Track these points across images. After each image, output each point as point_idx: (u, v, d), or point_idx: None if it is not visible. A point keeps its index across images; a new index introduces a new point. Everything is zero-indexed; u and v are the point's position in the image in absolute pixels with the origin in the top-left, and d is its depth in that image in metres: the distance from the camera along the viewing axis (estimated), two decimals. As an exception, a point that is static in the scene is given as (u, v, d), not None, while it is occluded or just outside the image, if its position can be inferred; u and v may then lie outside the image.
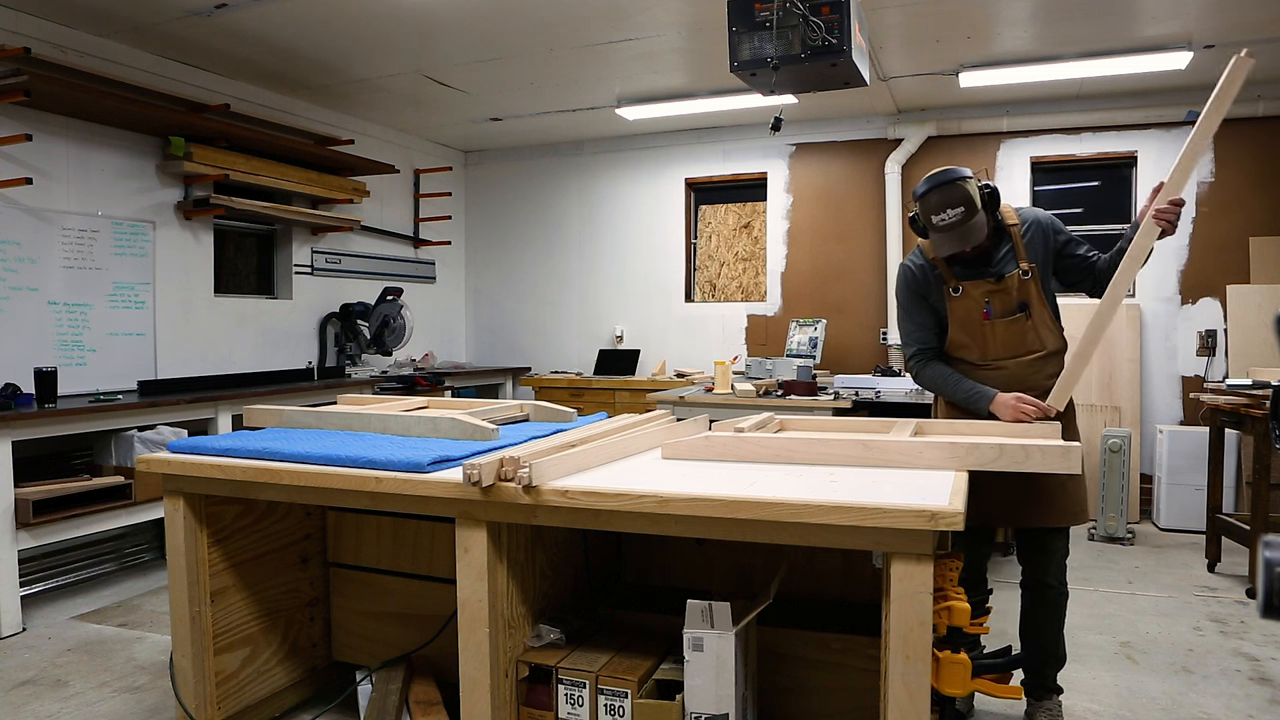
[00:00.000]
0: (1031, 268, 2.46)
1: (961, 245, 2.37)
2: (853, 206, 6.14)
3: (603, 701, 2.08)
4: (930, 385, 2.62)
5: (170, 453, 2.38)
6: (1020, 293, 2.46)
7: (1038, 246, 2.48)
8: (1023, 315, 2.47)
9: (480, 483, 1.91)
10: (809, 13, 2.80)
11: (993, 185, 2.44)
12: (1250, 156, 5.27)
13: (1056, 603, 2.52)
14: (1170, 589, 3.97)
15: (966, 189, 2.34)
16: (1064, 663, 2.58)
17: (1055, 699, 2.55)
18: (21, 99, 3.75)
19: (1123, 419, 5.36)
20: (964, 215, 2.31)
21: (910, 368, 2.64)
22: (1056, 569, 2.51)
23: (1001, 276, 2.46)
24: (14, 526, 3.43)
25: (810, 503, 1.70)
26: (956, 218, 2.31)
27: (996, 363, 2.51)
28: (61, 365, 4.02)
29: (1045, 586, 2.52)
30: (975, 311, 2.49)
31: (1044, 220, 2.51)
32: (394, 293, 5.86)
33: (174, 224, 4.78)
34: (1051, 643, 2.54)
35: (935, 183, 2.36)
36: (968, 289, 2.48)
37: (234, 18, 4.08)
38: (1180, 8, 4.06)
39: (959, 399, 2.52)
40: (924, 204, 2.37)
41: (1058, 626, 2.54)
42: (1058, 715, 2.53)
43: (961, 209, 2.31)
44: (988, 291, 2.47)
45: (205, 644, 2.40)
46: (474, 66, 4.93)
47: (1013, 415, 2.39)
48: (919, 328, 2.59)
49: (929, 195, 2.36)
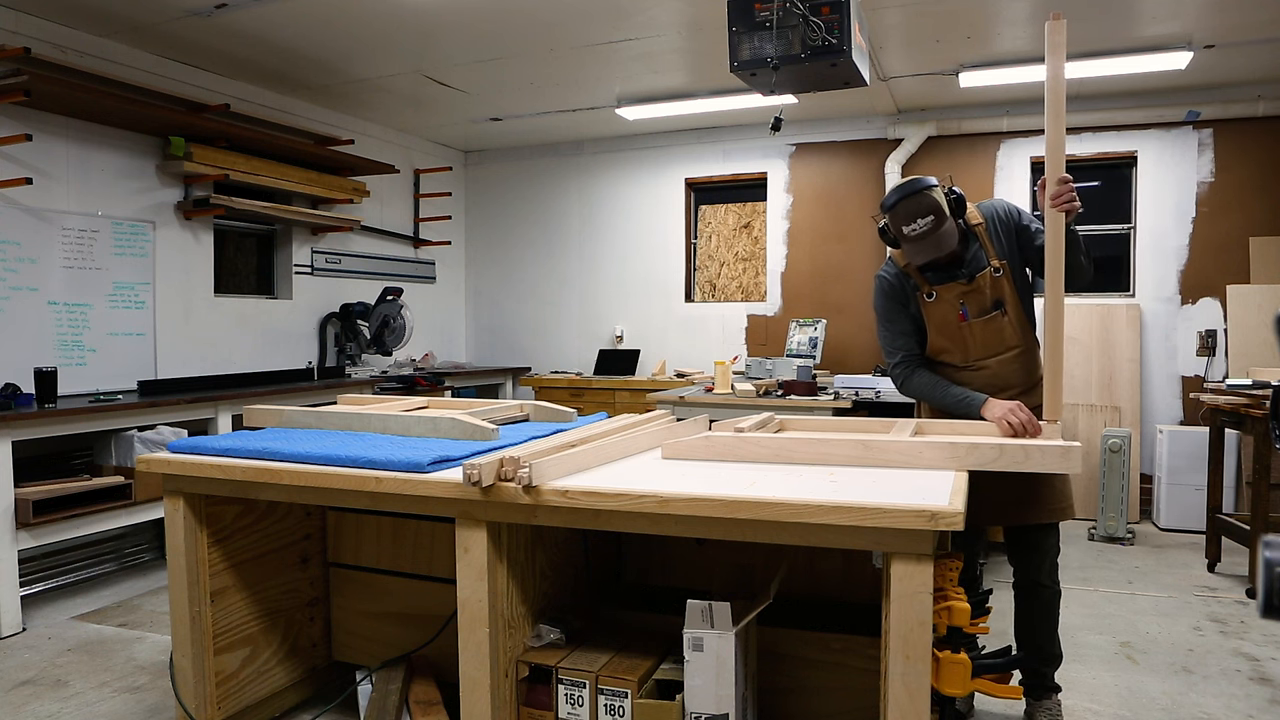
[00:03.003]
0: (1002, 264, 2.46)
1: (935, 253, 2.36)
2: (853, 206, 6.14)
3: (603, 701, 2.08)
4: (917, 393, 2.60)
5: (170, 453, 2.38)
6: (993, 290, 2.47)
7: (1003, 241, 2.48)
8: (998, 313, 2.47)
9: (480, 483, 1.91)
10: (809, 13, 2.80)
11: (958, 191, 2.43)
12: (1250, 156, 5.27)
13: (1050, 602, 2.53)
14: (1170, 589, 3.97)
15: (934, 197, 2.33)
16: (1060, 660, 2.58)
17: (1054, 698, 2.55)
18: (21, 99, 3.75)
19: (1123, 419, 5.36)
20: (934, 224, 2.31)
21: (895, 376, 2.62)
22: (1050, 567, 2.52)
23: (972, 277, 2.46)
24: (14, 526, 3.43)
25: (810, 503, 1.70)
26: (927, 227, 2.31)
27: (978, 363, 2.52)
28: (61, 365, 4.02)
29: (1039, 586, 2.52)
30: (951, 314, 2.49)
31: (1001, 211, 2.51)
32: (394, 293, 5.86)
33: (174, 224, 4.78)
34: (1048, 642, 2.54)
35: (903, 194, 2.34)
36: (941, 293, 2.49)
37: (234, 18, 4.08)
38: (1180, 8, 4.06)
39: (948, 405, 2.49)
40: (893, 216, 2.36)
41: (1053, 625, 2.54)
42: (1057, 714, 2.53)
43: (931, 218, 2.31)
44: (961, 293, 2.47)
45: (205, 644, 2.40)
46: (474, 66, 4.93)
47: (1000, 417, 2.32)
48: (900, 335, 2.57)
49: (897, 207, 2.35)
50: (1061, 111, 2.32)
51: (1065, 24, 2.32)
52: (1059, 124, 2.32)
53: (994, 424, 2.35)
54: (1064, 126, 2.35)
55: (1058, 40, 2.29)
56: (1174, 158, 5.42)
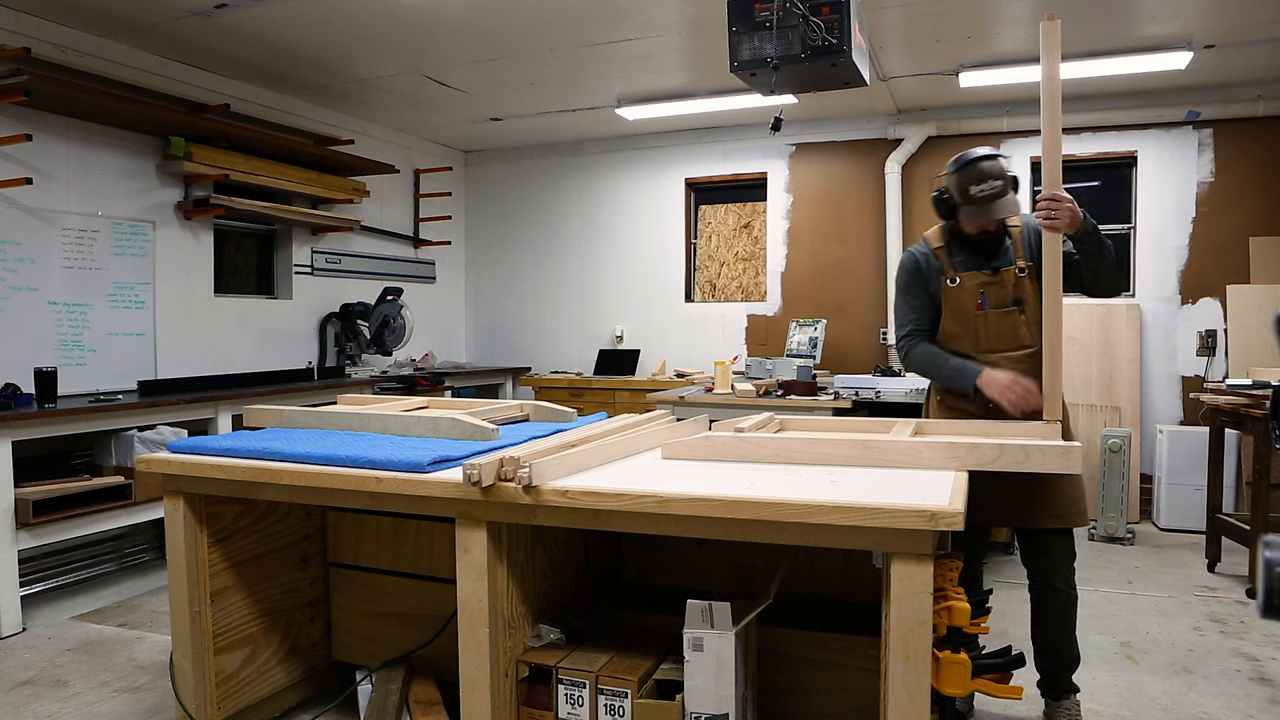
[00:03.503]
0: (1028, 266, 2.53)
1: (995, 216, 2.45)
2: (853, 206, 6.15)
3: (603, 701, 2.08)
4: (919, 364, 2.65)
5: (170, 453, 2.38)
6: (1016, 289, 2.53)
7: (1033, 245, 2.54)
8: (1016, 309, 2.54)
9: (480, 483, 1.91)
10: (809, 13, 2.79)
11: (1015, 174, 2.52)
12: (1250, 156, 5.27)
13: (1065, 605, 2.51)
14: (1170, 589, 3.97)
15: (1005, 164, 2.47)
16: (1078, 663, 2.56)
17: (1073, 698, 2.54)
18: (21, 99, 3.75)
19: (1123, 419, 5.36)
20: (1002, 188, 2.43)
21: (901, 347, 2.68)
22: (1065, 571, 2.50)
23: (998, 270, 2.54)
24: (14, 526, 3.43)
25: (810, 503, 1.70)
26: (996, 189, 2.41)
27: (986, 355, 2.56)
28: (61, 365, 4.02)
29: (1054, 590, 2.50)
30: (970, 302, 2.55)
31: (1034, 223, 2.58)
32: (394, 293, 5.86)
33: (174, 224, 4.78)
34: (1065, 645, 2.52)
35: (981, 155, 2.46)
36: (964, 280, 2.56)
37: (234, 18, 4.08)
38: (1180, 8, 4.06)
39: (945, 375, 2.57)
40: (965, 174, 2.45)
41: (1070, 628, 2.52)
42: (1076, 715, 2.52)
43: (1001, 181, 2.43)
44: (983, 283, 2.54)
45: (205, 644, 2.40)
46: (474, 66, 4.93)
47: (999, 392, 2.42)
48: (915, 310, 2.65)
49: (972, 166, 2.44)
50: (1057, 113, 2.32)
51: (1060, 25, 2.33)
52: (1055, 125, 2.33)
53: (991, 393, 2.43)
54: (1060, 128, 2.36)
55: (1052, 41, 2.30)
56: (1174, 158, 5.42)
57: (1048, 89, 2.33)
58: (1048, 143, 2.36)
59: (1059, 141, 2.37)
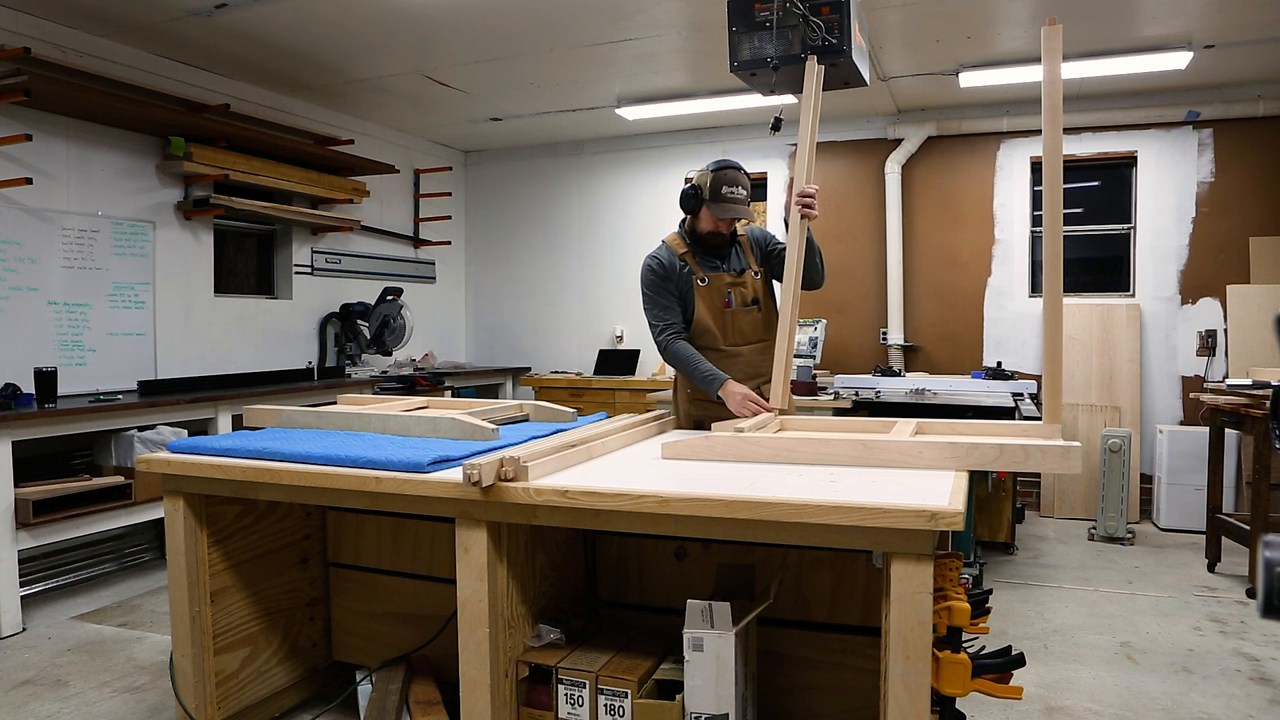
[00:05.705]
0: (761, 270, 2.97)
1: (735, 216, 2.83)
2: (853, 206, 6.14)
3: (603, 701, 2.08)
4: (675, 360, 2.87)
5: (170, 453, 2.38)
6: (753, 289, 2.93)
7: (758, 253, 2.98)
8: (755, 308, 2.92)
9: (480, 483, 1.91)
10: (809, 13, 2.79)
11: None
12: (1250, 156, 5.27)
13: None
14: (1170, 589, 3.97)
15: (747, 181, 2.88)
16: None
17: None
18: (21, 99, 3.75)
19: (1123, 419, 5.36)
20: (746, 196, 2.83)
21: (660, 343, 2.91)
22: None
23: (741, 272, 2.92)
24: (14, 526, 3.43)
25: (810, 503, 1.70)
26: (742, 196, 2.81)
27: (734, 348, 2.89)
28: (61, 365, 4.02)
29: None
30: (719, 300, 2.88)
31: (758, 233, 3.04)
32: (394, 293, 5.86)
33: (174, 224, 4.78)
34: None
35: (735, 164, 2.85)
36: (713, 280, 2.88)
37: (234, 18, 4.08)
38: (1180, 8, 4.06)
39: (696, 378, 2.80)
40: (721, 175, 2.79)
41: None
42: None
43: (746, 192, 2.84)
44: (729, 284, 2.89)
45: (205, 644, 2.40)
46: (474, 66, 4.93)
47: (737, 407, 2.66)
48: (666, 310, 2.90)
49: (729, 170, 2.80)
50: (1059, 116, 2.32)
51: (1061, 29, 2.33)
52: (1056, 128, 2.33)
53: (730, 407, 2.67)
54: (1061, 130, 2.35)
55: (1054, 46, 2.30)
56: (1174, 158, 5.42)
57: (1049, 93, 2.33)
58: (1049, 146, 2.36)
59: (1060, 145, 2.36)
